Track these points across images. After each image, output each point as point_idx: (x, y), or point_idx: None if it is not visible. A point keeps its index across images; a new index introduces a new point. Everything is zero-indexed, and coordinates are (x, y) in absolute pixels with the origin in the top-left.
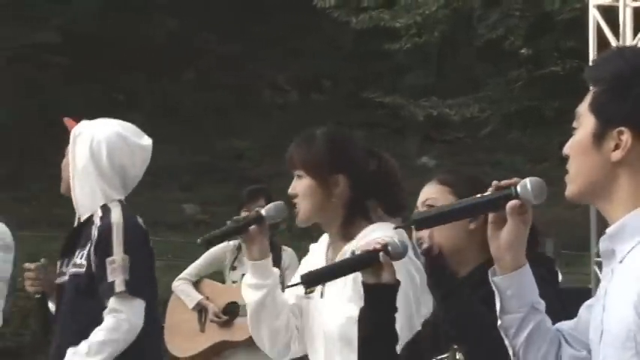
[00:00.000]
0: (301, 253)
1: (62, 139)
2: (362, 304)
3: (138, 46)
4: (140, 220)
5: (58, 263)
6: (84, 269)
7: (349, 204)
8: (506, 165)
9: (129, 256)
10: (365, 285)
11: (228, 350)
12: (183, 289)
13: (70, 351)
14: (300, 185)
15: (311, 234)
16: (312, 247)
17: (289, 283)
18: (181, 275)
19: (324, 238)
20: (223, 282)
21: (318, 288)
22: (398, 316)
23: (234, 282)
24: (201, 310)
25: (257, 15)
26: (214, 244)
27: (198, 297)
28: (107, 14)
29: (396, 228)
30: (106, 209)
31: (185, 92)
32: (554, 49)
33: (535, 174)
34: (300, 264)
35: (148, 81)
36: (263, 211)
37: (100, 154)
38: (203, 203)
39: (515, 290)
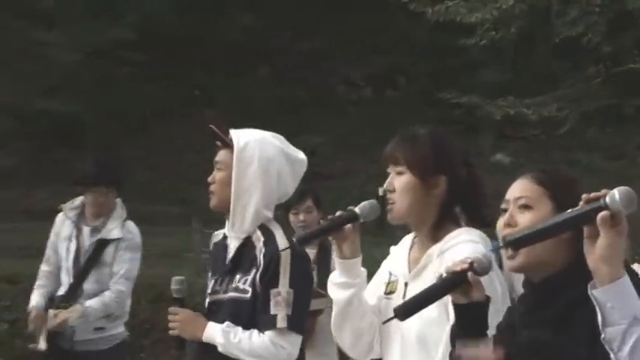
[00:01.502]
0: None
1: (138, 134)
2: (442, 305)
3: (213, 42)
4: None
5: (212, 281)
6: (248, 296)
7: (443, 206)
8: (584, 163)
9: (293, 290)
10: (455, 305)
11: None
12: None
13: (227, 325)
14: (400, 181)
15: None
16: (393, 249)
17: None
18: None
19: (406, 240)
20: None
21: (400, 288)
22: None
23: None
24: None
25: (332, 12)
26: (310, 242)
27: None
28: (182, 11)
29: (492, 250)
30: (267, 232)
31: (260, 88)
32: (634, 46)
33: (611, 172)
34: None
35: (223, 77)
36: (357, 210)
37: (270, 176)
38: None
39: (615, 302)
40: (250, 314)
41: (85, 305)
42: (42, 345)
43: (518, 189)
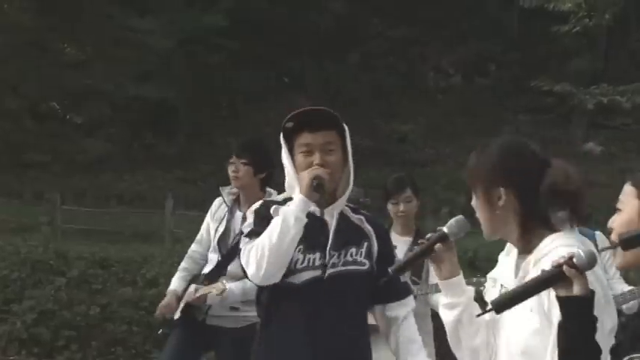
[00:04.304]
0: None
1: (228, 121)
2: (543, 315)
3: (304, 29)
4: None
5: (323, 254)
6: (366, 267)
7: (521, 216)
8: None
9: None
10: (557, 298)
11: (370, 334)
12: None
13: (415, 342)
14: (473, 200)
15: None
16: (501, 257)
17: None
18: None
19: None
20: None
21: None
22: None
23: None
24: None
25: None
26: (406, 270)
27: None
28: None
29: (601, 251)
30: (351, 204)
31: (350, 75)
32: None
33: None
34: None
35: (313, 64)
36: (445, 229)
37: None
38: (365, 186)
39: None
40: (368, 285)
41: (226, 284)
42: (176, 314)
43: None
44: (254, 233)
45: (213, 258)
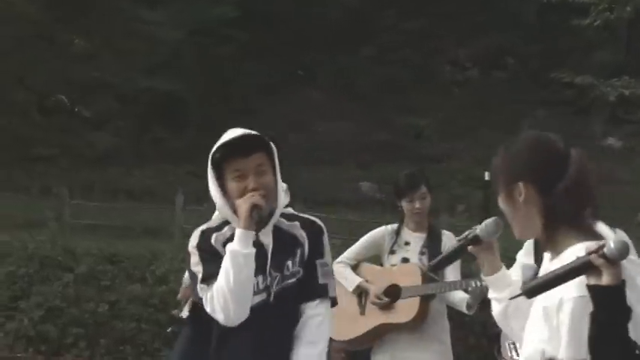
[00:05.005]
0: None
1: (239, 114)
2: (554, 327)
3: (317, 21)
4: None
5: (255, 281)
6: (300, 274)
7: (543, 213)
8: None
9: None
10: (588, 287)
11: (390, 333)
12: (342, 272)
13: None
14: (499, 200)
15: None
16: (519, 255)
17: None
18: (339, 259)
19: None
20: (381, 266)
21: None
22: None
23: (392, 266)
24: (361, 293)
25: None
26: (440, 269)
27: (358, 280)
28: None
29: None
30: (286, 214)
31: (363, 68)
32: None
33: None
34: None
35: (326, 56)
36: (478, 231)
37: None
38: (380, 182)
39: None
40: (298, 292)
41: None
42: (184, 312)
43: None
44: (210, 277)
45: None
